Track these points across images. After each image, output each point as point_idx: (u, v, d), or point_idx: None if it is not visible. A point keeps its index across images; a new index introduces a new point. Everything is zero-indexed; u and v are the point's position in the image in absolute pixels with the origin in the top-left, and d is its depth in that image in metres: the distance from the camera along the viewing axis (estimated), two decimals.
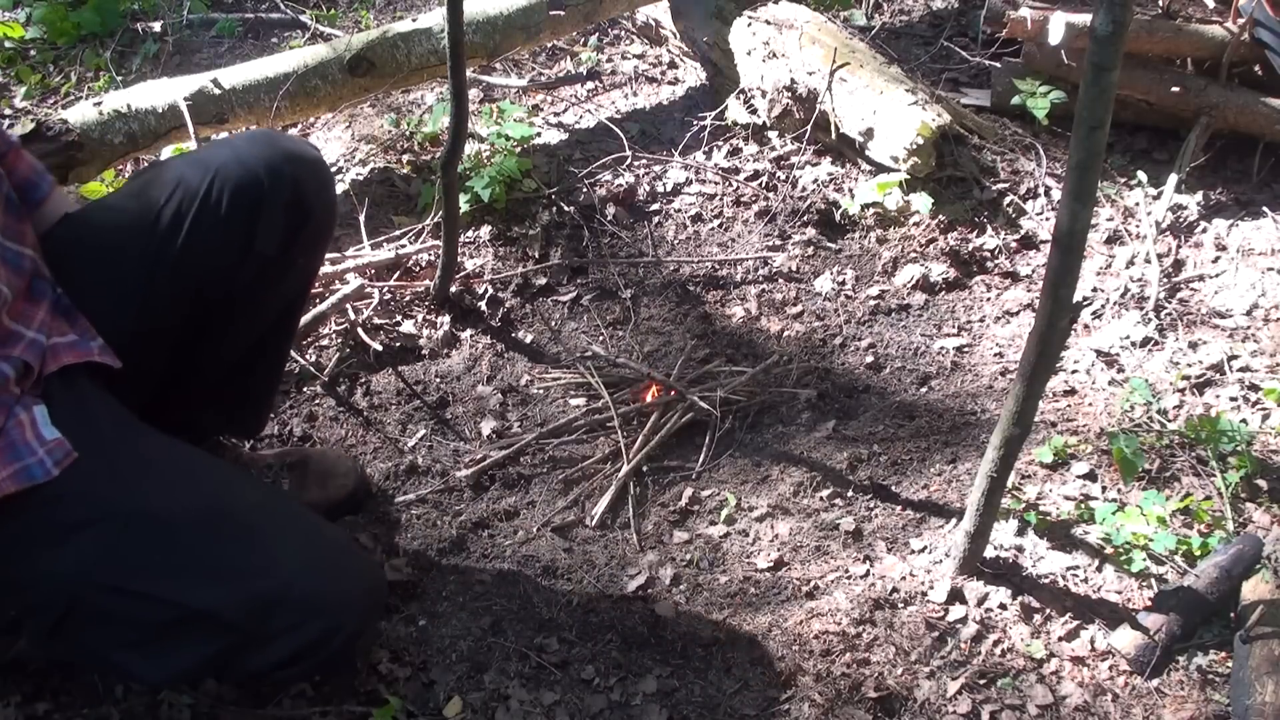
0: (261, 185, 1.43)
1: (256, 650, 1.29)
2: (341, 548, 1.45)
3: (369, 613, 1.47)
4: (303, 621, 1.29)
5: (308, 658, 1.31)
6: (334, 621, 1.31)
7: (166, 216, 1.42)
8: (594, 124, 2.86)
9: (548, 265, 2.39)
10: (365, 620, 1.44)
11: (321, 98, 2.63)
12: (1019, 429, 1.47)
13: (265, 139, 1.49)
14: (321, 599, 1.30)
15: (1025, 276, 2.38)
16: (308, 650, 1.30)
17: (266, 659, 1.30)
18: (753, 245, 2.47)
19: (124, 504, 1.27)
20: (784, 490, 1.91)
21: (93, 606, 1.27)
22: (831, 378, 2.17)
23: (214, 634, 1.28)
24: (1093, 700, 1.53)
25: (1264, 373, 2.08)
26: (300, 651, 1.30)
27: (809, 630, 1.63)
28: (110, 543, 1.25)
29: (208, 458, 1.49)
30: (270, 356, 1.72)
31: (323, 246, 1.67)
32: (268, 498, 1.48)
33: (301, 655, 1.30)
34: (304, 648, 1.30)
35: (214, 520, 1.30)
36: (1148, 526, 1.71)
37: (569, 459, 2.00)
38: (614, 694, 1.56)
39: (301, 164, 1.48)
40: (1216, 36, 2.57)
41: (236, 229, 1.43)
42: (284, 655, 1.30)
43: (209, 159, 1.44)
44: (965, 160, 2.51)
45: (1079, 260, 1.31)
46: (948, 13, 3.36)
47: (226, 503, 1.34)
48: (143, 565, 1.26)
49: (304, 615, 1.29)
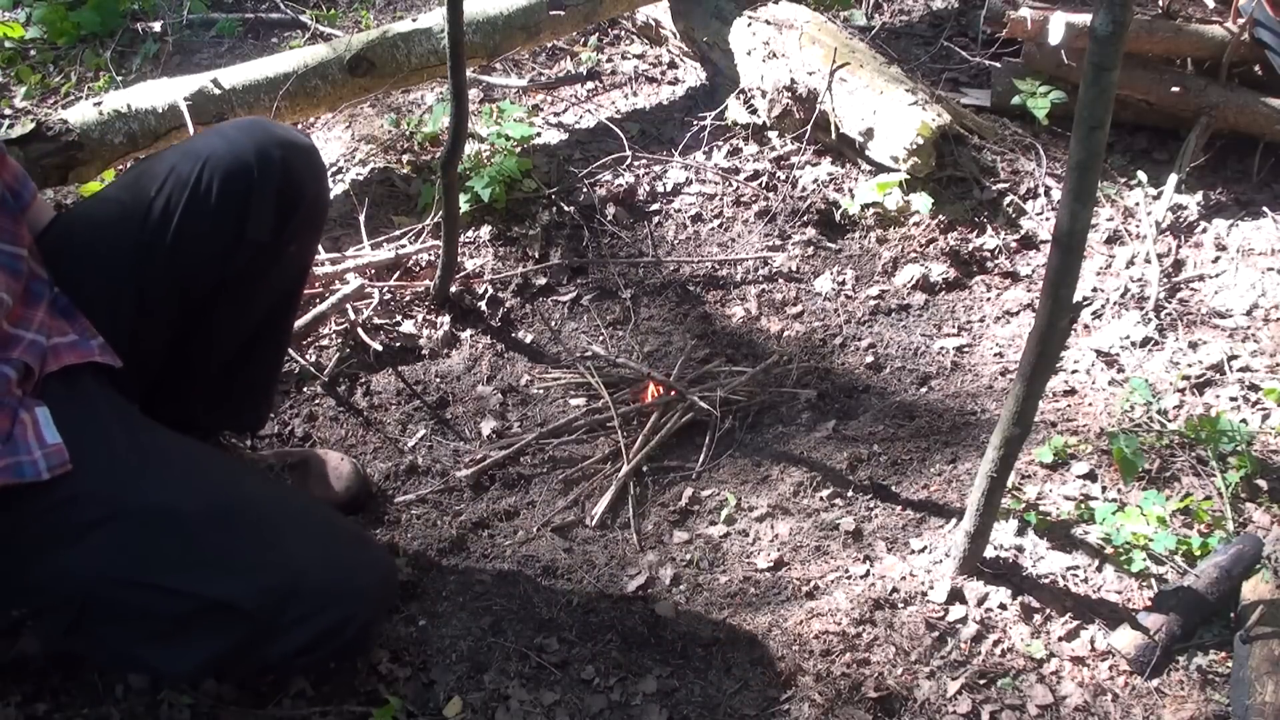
0: (251, 172, 1.43)
1: (274, 639, 1.30)
2: (354, 538, 1.47)
3: (382, 601, 1.49)
4: (318, 610, 1.30)
5: (323, 646, 1.33)
6: (348, 610, 1.33)
7: (158, 207, 1.42)
8: (594, 124, 2.86)
9: (548, 265, 2.39)
10: (379, 609, 1.46)
11: (321, 98, 2.63)
12: (1019, 429, 1.47)
13: (257, 126, 1.49)
14: (336, 588, 1.32)
15: (1025, 276, 2.38)
16: (323, 638, 1.32)
17: (284, 647, 1.31)
18: (753, 245, 2.47)
19: (138, 500, 1.28)
20: (784, 490, 1.91)
21: (111, 602, 1.28)
22: (831, 378, 2.17)
23: (232, 624, 1.29)
24: (1093, 700, 1.53)
25: (1264, 373, 2.08)
26: (316, 640, 1.32)
27: (809, 630, 1.63)
28: (126, 538, 1.26)
29: (216, 452, 1.50)
30: (267, 350, 1.72)
31: (315, 234, 1.66)
32: (279, 490, 1.51)
33: (318, 643, 1.32)
34: (320, 636, 1.32)
35: (227, 513, 1.32)
36: (1148, 526, 1.71)
37: (569, 459, 2.00)
38: (614, 694, 1.56)
39: (292, 150, 1.48)
40: (1216, 36, 2.57)
41: (227, 216, 1.43)
42: (301, 644, 1.31)
43: (200, 148, 1.44)
44: (965, 160, 2.51)
45: (1079, 260, 1.31)
46: (948, 13, 3.36)
47: (239, 495, 1.36)
48: (159, 559, 1.27)
49: (319, 604, 1.30)
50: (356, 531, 1.56)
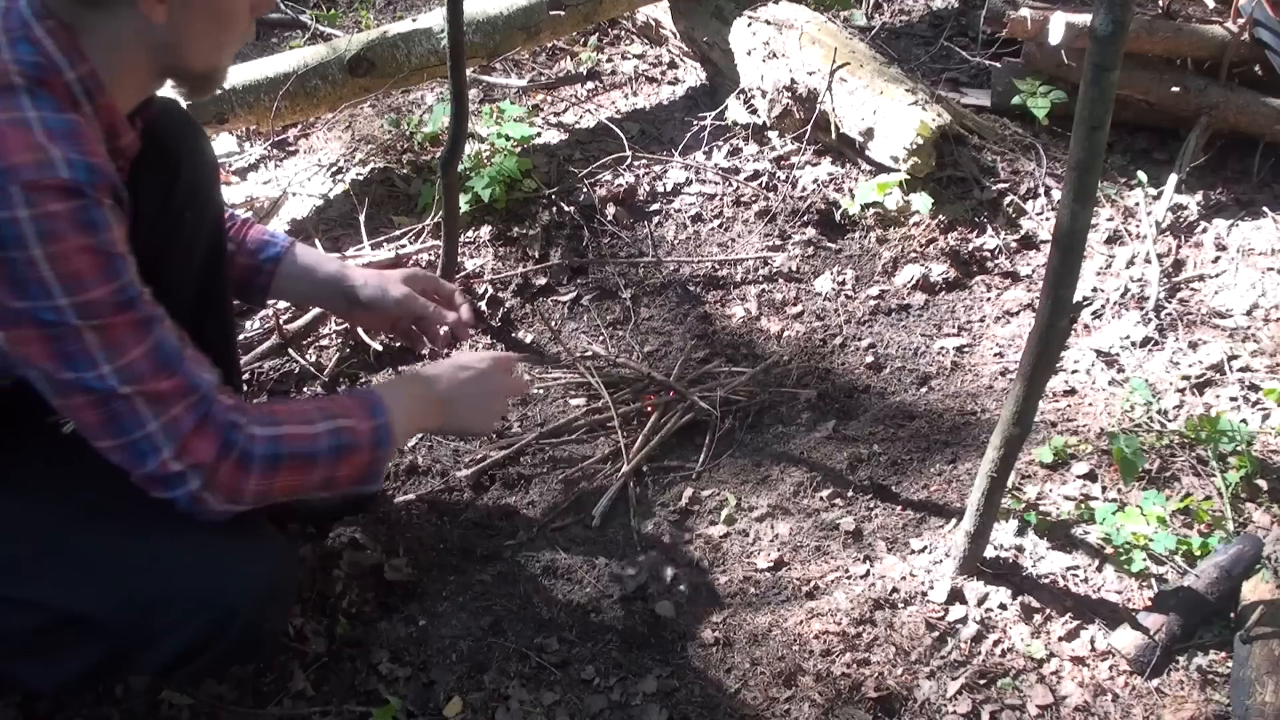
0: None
1: (145, 650, 1.23)
2: (231, 530, 1.30)
3: (270, 598, 1.32)
4: (188, 617, 1.22)
5: (204, 652, 1.25)
6: (223, 612, 1.24)
7: None
8: (594, 124, 2.86)
9: (548, 265, 2.39)
10: (266, 606, 1.31)
11: (321, 98, 2.63)
12: (1019, 429, 1.47)
13: None
14: (206, 590, 1.23)
15: (1025, 276, 2.38)
16: (201, 645, 1.24)
17: (159, 657, 1.24)
18: (753, 245, 2.47)
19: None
20: (784, 490, 1.91)
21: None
22: (831, 378, 2.17)
23: (96, 637, 1.21)
24: (1093, 700, 1.53)
25: (1264, 373, 2.08)
26: (193, 647, 1.23)
27: (809, 630, 1.63)
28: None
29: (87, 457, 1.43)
30: (214, 315, 1.59)
31: (207, 192, 1.53)
32: None
33: (196, 650, 1.24)
34: (196, 643, 1.23)
35: (88, 518, 1.24)
36: (1148, 526, 1.71)
37: (569, 459, 2.00)
38: (614, 694, 1.56)
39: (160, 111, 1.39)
40: (1216, 36, 2.58)
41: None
42: (177, 652, 1.23)
43: None
44: (965, 160, 2.51)
45: (1079, 260, 1.31)
46: (948, 13, 3.36)
47: (104, 499, 1.25)
48: (8, 570, 1.20)
49: (188, 610, 1.22)
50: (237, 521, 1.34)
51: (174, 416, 1.17)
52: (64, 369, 1.12)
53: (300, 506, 1.74)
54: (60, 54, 1.12)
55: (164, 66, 1.23)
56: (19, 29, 1.11)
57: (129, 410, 1.15)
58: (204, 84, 1.30)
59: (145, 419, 1.16)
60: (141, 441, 1.17)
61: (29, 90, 1.09)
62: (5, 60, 1.09)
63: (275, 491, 1.26)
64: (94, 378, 1.12)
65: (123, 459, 1.18)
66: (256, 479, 1.24)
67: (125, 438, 1.16)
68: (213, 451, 1.20)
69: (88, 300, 1.09)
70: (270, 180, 2.68)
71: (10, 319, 1.09)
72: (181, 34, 1.18)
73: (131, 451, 1.17)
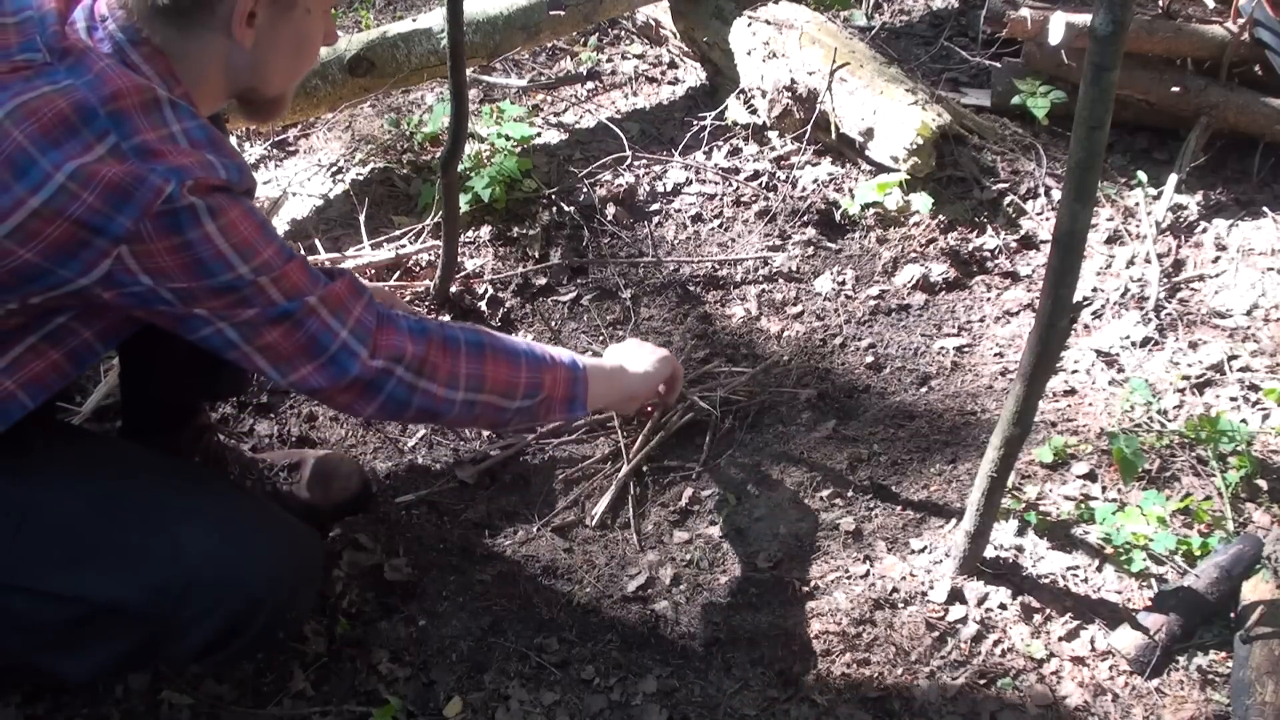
0: None
1: (176, 638, 1.25)
2: (259, 518, 1.37)
3: (298, 582, 1.37)
4: (218, 603, 1.24)
5: (235, 638, 1.27)
6: (253, 598, 1.27)
7: None
8: (594, 124, 2.86)
9: (548, 265, 2.39)
10: (293, 592, 1.35)
11: (321, 98, 2.63)
12: (1019, 429, 1.47)
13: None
14: (235, 577, 1.26)
15: (1025, 276, 2.38)
16: (232, 631, 1.26)
17: (190, 645, 1.26)
18: (753, 245, 2.47)
19: (17, 499, 1.23)
20: (784, 490, 1.91)
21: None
22: (831, 378, 2.17)
23: (127, 627, 1.24)
24: (1093, 700, 1.53)
25: (1264, 373, 2.08)
26: (224, 633, 1.26)
27: (809, 630, 1.63)
28: (3, 542, 1.21)
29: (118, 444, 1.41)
30: None
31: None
32: (177, 478, 1.40)
33: (227, 637, 1.26)
34: (226, 629, 1.26)
35: (116, 508, 1.26)
36: (1148, 526, 1.71)
37: (569, 459, 2.00)
38: (614, 694, 1.56)
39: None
40: (1216, 36, 2.58)
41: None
42: (208, 639, 1.26)
43: None
44: (965, 160, 2.51)
45: (1079, 260, 1.31)
46: (948, 13, 3.36)
47: (130, 488, 1.29)
48: (41, 562, 1.22)
49: (218, 596, 1.24)
50: (262, 510, 1.44)
51: (358, 319, 1.27)
52: (249, 310, 1.19)
53: (300, 506, 1.74)
54: (159, 79, 1.16)
55: (238, 89, 1.28)
56: (114, 54, 1.14)
57: (320, 324, 1.24)
58: (272, 109, 1.36)
59: (335, 327, 1.25)
60: (339, 352, 1.25)
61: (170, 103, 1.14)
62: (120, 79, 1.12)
63: (486, 382, 1.37)
64: (281, 304, 1.21)
65: (327, 377, 1.26)
66: (466, 360, 1.35)
67: (324, 354, 1.25)
68: (406, 339, 1.31)
69: (262, 262, 1.18)
70: (270, 180, 2.68)
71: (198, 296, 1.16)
72: (264, 58, 1.24)
73: (334, 366, 1.26)
